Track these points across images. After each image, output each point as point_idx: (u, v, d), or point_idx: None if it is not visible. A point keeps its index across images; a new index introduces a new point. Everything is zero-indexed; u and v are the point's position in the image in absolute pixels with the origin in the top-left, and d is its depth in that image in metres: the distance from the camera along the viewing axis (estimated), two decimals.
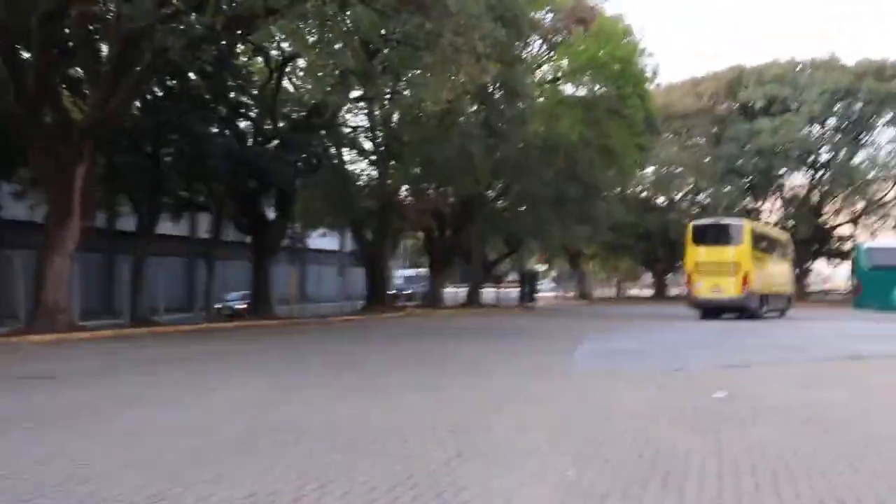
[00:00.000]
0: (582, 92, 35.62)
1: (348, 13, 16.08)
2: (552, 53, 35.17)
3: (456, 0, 14.71)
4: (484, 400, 8.53)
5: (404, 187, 37.66)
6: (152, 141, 22.95)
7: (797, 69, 57.09)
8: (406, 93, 20.48)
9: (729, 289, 28.43)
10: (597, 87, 33.70)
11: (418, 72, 16.86)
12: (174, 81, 22.52)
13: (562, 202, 36.86)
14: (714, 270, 28.75)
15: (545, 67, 36.50)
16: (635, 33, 34.72)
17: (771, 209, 61.37)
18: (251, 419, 7.26)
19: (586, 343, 16.66)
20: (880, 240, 46.35)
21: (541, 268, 60.86)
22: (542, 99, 32.97)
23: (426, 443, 6.05)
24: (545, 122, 33.88)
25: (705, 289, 28.82)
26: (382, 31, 16.43)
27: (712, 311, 29.15)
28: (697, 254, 29.43)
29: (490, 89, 25.70)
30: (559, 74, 36.26)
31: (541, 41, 34.39)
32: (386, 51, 17.01)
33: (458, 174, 29.16)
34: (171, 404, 8.32)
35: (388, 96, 30.45)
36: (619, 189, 44.06)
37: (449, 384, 9.90)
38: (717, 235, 29.70)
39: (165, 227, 26.61)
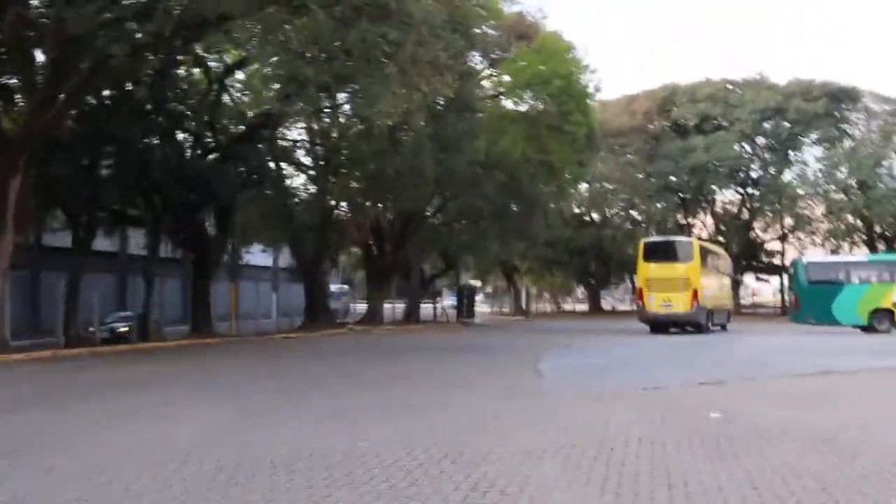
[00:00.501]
0: (524, 108, 35.53)
1: (305, 19, 15.49)
2: (494, 69, 35.12)
3: (419, 10, 14.36)
4: (469, 423, 8.13)
5: (343, 203, 37.08)
6: (90, 152, 21.91)
7: (728, 88, 58.30)
8: (358, 102, 19.67)
9: (679, 304, 29.34)
10: (539, 102, 33.60)
11: (372, 83, 16.34)
12: (113, 91, 21.55)
13: (502, 217, 36.76)
14: (665, 286, 29.57)
15: (486, 83, 36.34)
16: (578, 49, 34.81)
17: (702, 225, 62.47)
18: (229, 449, 6.71)
19: (549, 360, 16.32)
20: (818, 255, 47.17)
21: (476, 283, 60.58)
22: (480, 115, 32.58)
23: (432, 476, 5.60)
24: (487, 137, 33.67)
25: (656, 304, 29.66)
26: (337, 42, 15.89)
27: (662, 325, 29.85)
28: (649, 270, 30.27)
29: (441, 102, 25.38)
30: (501, 90, 36.15)
31: (481, 56, 34.31)
32: (340, 61, 16.46)
33: (406, 189, 28.69)
34: (137, 431, 7.77)
35: (327, 109, 30.10)
36: (556, 205, 43.91)
37: (425, 405, 9.50)
38: (667, 252, 30.68)
39: (98, 242, 25.52)
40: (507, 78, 35.24)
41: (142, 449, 6.84)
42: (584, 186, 55.86)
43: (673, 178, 55.52)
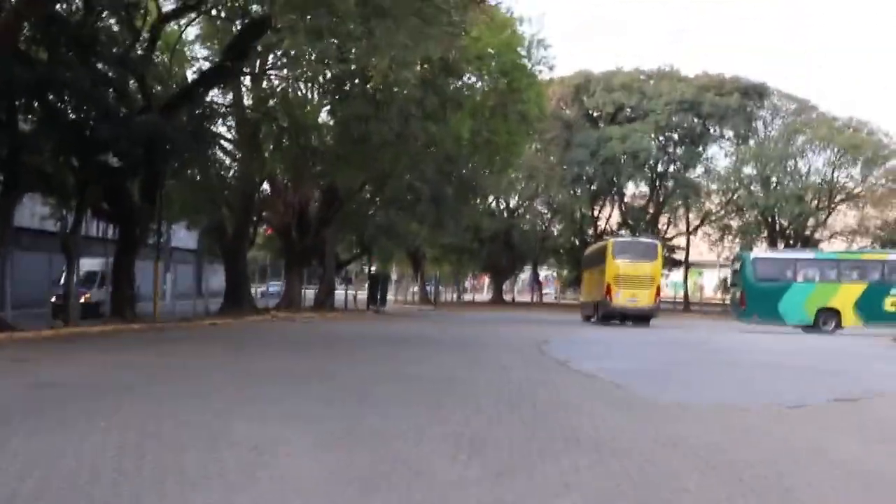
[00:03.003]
0: (473, 82, 33.17)
1: None
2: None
3: None
4: (524, 447, 6.10)
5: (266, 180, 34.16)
6: (7, 101, 18.18)
7: (642, 79, 57.88)
8: (359, 50, 16.72)
9: (644, 299, 32.65)
10: (486, 77, 31.22)
11: (390, 29, 13.79)
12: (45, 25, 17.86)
13: (438, 201, 34.72)
14: (632, 283, 32.55)
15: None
16: (531, 21, 32.80)
17: (609, 216, 62.00)
18: None
19: (579, 360, 14.29)
20: (763, 250, 46.83)
21: (388, 271, 58.24)
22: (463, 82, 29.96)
23: None
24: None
25: (623, 298, 32.48)
26: None
27: (620, 317, 32.78)
28: (618, 267, 32.83)
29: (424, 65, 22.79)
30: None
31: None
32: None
33: (369, 161, 26.02)
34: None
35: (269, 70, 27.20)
36: (494, 191, 42.23)
37: (437, 418, 7.41)
38: (636, 251, 33.89)
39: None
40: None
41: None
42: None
43: (587, 168, 54.57)
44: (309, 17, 11.63)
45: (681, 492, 4.87)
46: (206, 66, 28.83)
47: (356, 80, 22.41)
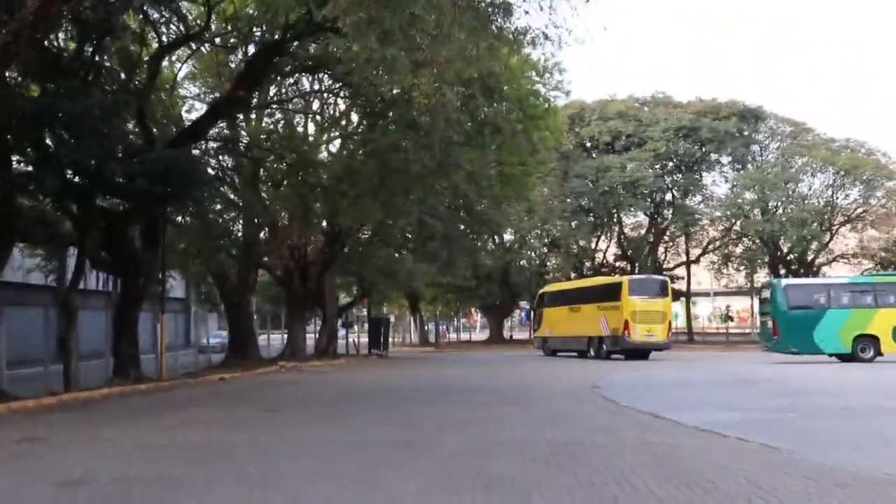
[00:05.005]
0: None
1: None
2: None
3: None
4: None
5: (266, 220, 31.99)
6: (1, 136, 15.87)
7: (637, 106, 56.66)
8: (398, 61, 14.53)
9: (659, 334, 33.91)
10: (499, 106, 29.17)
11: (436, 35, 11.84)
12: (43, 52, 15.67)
13: (449, 238, 32.88)
14: (648, 318, 33.69)
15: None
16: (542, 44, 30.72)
17: (606, 247, 60.44)
18: None
19: (644, 405, 12.32)
20: (794, 278, 45.01)
21: (388, 314, 56.13)
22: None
23: None
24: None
25: (640, 333, 33.52)
26: None
27: (641, 353, 33.62)
28: (634, 304, 33.80)
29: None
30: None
31: None
32: None
33: (382, 198, 23.92)
34: None
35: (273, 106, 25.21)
36: (503, 225, 40.36)
37: None
38: (650, 289, 35.04)
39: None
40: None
41: None
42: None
43: (584, 200, 53.08)
44: (381, 14, 9.78)
45: None
46: (199, 101, 27.03)
47: (395, 102, 20.33)
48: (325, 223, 33.09)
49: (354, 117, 27.04)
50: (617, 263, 60.14)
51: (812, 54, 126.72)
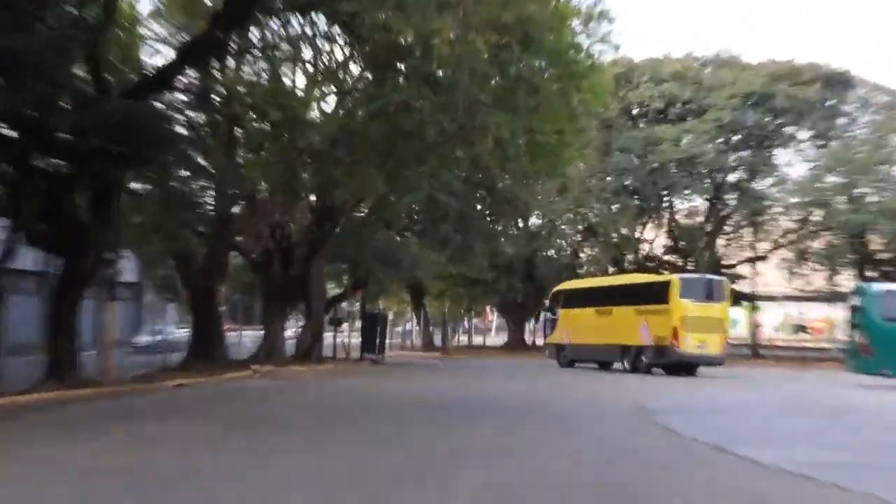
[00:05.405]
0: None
1: None
2: None
3: None
4: None
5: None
6: None
7: (698, 67, 56.15)
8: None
9: (713, 345, 33.60)
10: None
11: None
12: None
13: (468, 219, 32.70)
14: (702, 326, 33.27)
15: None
16: None
17: (654, 237, 60.07)
18: None
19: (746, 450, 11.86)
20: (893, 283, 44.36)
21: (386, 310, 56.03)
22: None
23: None
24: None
25: (692, 344, 33.14)
26: None
27: (680, 367, 33.63)
28: (686, 308, 33.52)
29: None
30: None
31: None
32: None
33: (392, 167, 23.58)
34: None
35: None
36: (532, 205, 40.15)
37: None
38: (706, 291, 34.67)
39: None
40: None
41: None
42: None
43: (629, 179, 52.70)
44: None
45: None
46: (165, 44, 26.68)
47: (409, 51, 19.88)
48: (313, 197, 32.94)
49: (355, 69, 26.53)
50: (665, 257, 59.80)
51: None
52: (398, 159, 24.12)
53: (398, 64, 22.11)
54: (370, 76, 24.29)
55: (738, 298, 56.46)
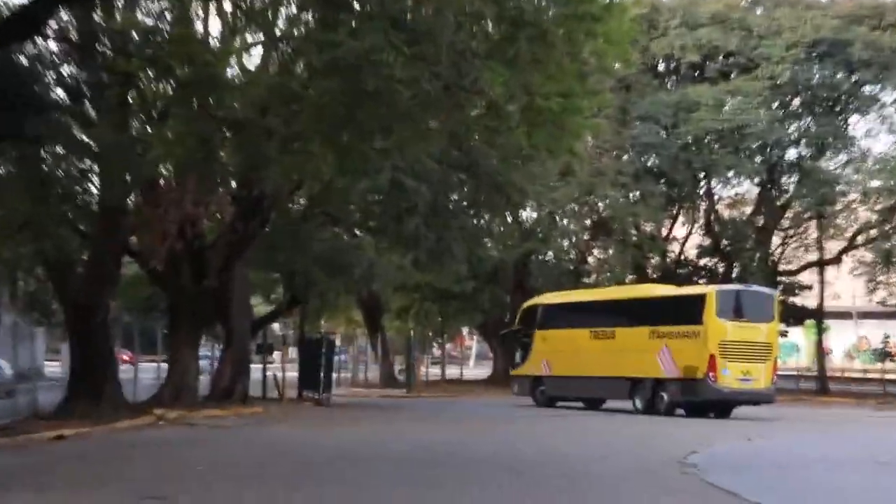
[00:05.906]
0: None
1: None
2: None
3: None
4: None
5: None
6: None
7: (745, 6, 56.40)
8: None
9: (760, 377, 33.96)
10: None
11: None
12: None
13: (441, 212, 32.91)
14: (745, 354, 33.76)
15: None
16: None
17: (687, 234, 60.33)
18: None
19: None
20: None
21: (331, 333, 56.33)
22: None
23: None
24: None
25: (733, 377, 33.24)
26: None
27: (712, 406, 34.45)
28: (725, 330, 33.72)
29: None
30: None
31: None
32: None
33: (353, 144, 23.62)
34: None
35: None
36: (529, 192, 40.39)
37: None
38: (751, 307, 34.88)
39: None
40: None
41: None
42: None
43: (659, 156, 52.91)
44: None
45: None
46: None
47: None
48: (235, 183, 33.00)
49: (292, 8, 26.48)
50: (701, 262, 60.06)
51: None
52: (354, 131, 23.94)
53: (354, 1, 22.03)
54: (314, 16, 24.10)
55: (798, 316, 57.02)
